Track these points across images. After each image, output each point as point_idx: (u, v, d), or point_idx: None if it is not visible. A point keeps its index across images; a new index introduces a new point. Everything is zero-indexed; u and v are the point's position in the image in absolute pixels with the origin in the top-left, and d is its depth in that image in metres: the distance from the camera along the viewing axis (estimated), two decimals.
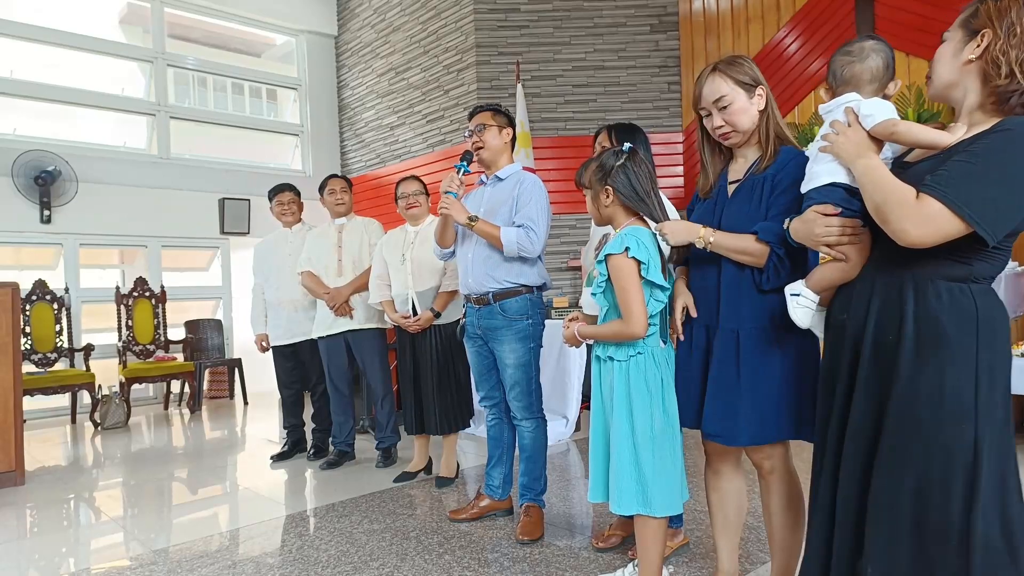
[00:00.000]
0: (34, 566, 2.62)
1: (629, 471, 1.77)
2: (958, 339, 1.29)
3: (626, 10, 6.21)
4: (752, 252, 1.68)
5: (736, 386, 1.70)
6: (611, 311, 1.82)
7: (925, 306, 1.32)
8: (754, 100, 1.75)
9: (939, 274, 1.33)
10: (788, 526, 1.81)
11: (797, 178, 1.62)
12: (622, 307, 1.76)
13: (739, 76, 1.74)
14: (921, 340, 1.32)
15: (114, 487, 3.79)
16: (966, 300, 1.31)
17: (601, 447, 1.87)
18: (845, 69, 1.52)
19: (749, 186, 1.75)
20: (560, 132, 6.17)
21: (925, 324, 1.32)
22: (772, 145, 1.74)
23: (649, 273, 1.76)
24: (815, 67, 5.37)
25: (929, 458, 1.28)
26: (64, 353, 5.88)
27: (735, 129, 1.76)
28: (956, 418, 1.27)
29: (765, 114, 1.76)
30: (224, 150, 7.74)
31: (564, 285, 6.12)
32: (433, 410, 3.35)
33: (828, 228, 1.45)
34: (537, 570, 2.32)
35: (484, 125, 2.72)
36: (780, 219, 1.63)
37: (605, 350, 1.81)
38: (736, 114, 1.74)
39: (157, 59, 7.15)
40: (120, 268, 7.74)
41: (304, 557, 2.52)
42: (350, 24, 8.04)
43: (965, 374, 1.28)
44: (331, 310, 3.79)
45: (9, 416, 3.74)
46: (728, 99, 1.73)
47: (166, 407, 6.65)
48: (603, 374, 1.84)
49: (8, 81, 6.36)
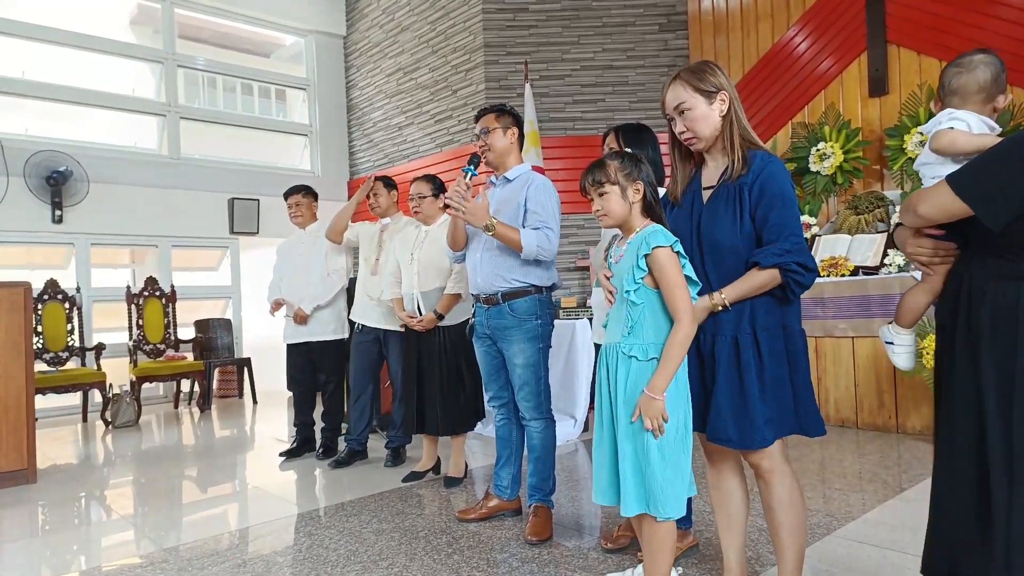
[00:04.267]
0: (46, 563, 2.63)
1: (647, 472, 1.74)
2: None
3: (635, 9, 6.19)
4: (766, 283, 1.71)
5: (741, 392, 1.71)
6: (646, 309, 1.76)
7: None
8: (715, 106, 1.77)
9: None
10: (791, 525, 1.80)
11: (778, 190, 1.69)
12: (675, 303, 1.70)
13: (699, 84, 1.78)
14: None
15: (125, 485, 3.81)
16: None
17: (608, 448, 1.85)
18: (953, 80, 1.61)
19: (724, 194, 1.77)
20: (568, 132, 6.16)
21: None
22: (739, 150, 1.76)
23: (686, 268, 1.75)
24: (825, 66, 5.34)
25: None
26: (75, 352, 5.92)
27: (696, 135, 1.80)
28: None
29: (728, 119, 1.78)
30: (233, 150, 7.78)
31: (572, 285, 6.11)
32: (437, 411, 3.36)
33: (919, 248, 1.59)
34: (546, 570, 2.32)
35: (488, 128, 2.73)
36: (778, 232, 1.68)
37: (631, 348, 1.76)
38: (695, 121, 1.79)
39: (167, 60, 7.19)
40: (131, 268, 7.79)
41: (314, 556, 2.53)
42: (359, 24, 8.05)
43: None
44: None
45: (21, 415, 3.77)
46: (687, 105, 1.78)
47: (176, 406, 6.69)
48: (619, 373, 1.79)
49: (20, 82, 6.41)
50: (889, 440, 4.03)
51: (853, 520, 2.69)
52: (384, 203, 3.99)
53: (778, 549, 1.84)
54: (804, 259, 1.68)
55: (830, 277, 4.47)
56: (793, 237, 1.69)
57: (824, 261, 4.56)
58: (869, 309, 4.27)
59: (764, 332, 1.73)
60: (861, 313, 4.31)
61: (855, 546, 2.42)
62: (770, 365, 1.71)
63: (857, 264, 4.48)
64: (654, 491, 1.72)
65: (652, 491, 1.72)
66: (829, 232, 4.96)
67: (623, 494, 1.76)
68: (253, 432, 5.43)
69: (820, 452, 3.80)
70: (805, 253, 1.69)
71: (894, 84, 4.98)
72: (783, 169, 1.75)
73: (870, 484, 3.18)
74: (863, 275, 4.41)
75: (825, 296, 4.46)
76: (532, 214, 2.61)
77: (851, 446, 3.93)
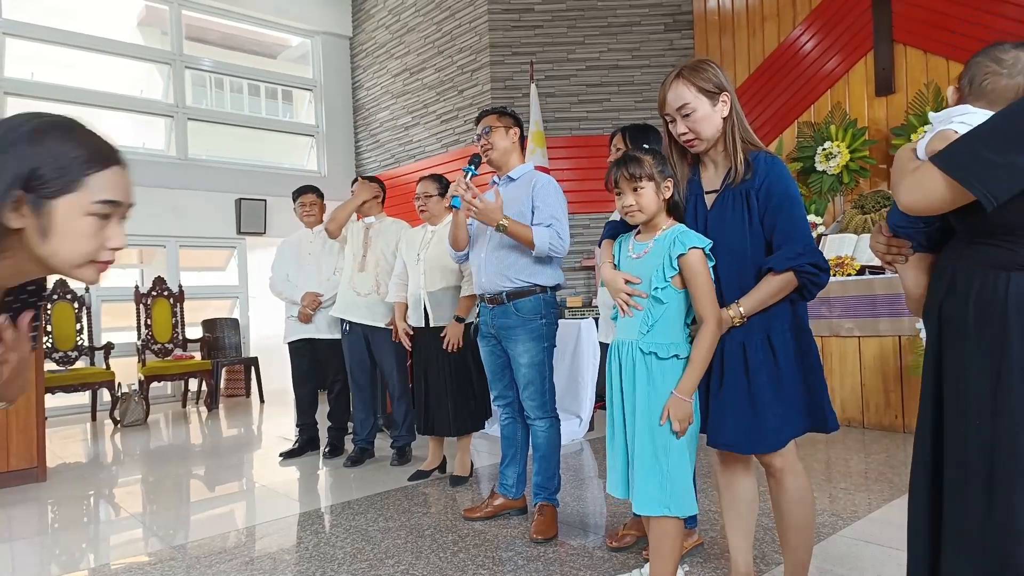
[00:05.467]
0: (55, 561, 2.66)
1: (667, 472, 1.74)
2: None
3: (640, 9, 6.19)
4: (783, 288, 1.69)
5: (749, 395, 1.71)
6: (670, 308, 1.75)
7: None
8: (717, 107, 1.75)
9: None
10: (801, 523, 1.80)
11: (784, 192, 1.70)
12: (706, 306, 1.70)
13: (703, 84, 1.74)
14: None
15: (133, 484, 3.84)
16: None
17: (621, 443, 1.85)
18: (988, 80, 1.31)
19: (731, 198, 1.76)
20: (574, 132, 6.17)
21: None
22: (741, 153, 1.75)
23: (712, 272, 1.76)
24: (831, 65, 5.33)
25: None
26: (84, 351, 5.96)
27: (698, 137, 1.77)
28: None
29: (730, 121, 1.76)
30: (240, 151, 7.82)
31: (578, 284, 6.11)
32: (446, 412, 3.36)
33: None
34: (551, 569, 2.33)
35: (491, 127, 2.75)
36: (788, 236, 1.68)
37: (650, 345, 1.76)
38: (699, 122, 1.75)
39: (175, 61, 7.23)
40: (139, 268, 7.84)
41: (321, 554, 2.55)
42: (365, 25, 8.08)
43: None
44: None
45: (32, 413, 3.80)
46: (690, 107, 1.74)
47: (184, 405, 6.73)
48: (637, 371, 1.77)
49: (29, 83, 6.47)
50: (895, 439, 4.02)
51: (859, 519, 2.69)
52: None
53: (785, 548, 1.85)
54: (816, 259, 1.68)
55: (836, 277, 4.46)
56: (803, 239, 1.69)
57: (830, 261, 4.55)
58: (875, 309, 4.26)
59: (777, 334, 1.72)
60: (867, 313, 4.30)
61: (860, 545, 2.42)
62: (785, 365, 1.71)
63: (863, 264, 4.47)
64: (674, 491, 1.73)
65: (672, 491, 1.73)
66: (835, 232, 4.95)
67: (637, 493, 1.76)
68: (260, 431, 5.46)
69: (826, 451, 3.80)
70: (817, 253, 1.69)
71: (900, 83, 4.97)
72: (786, 170, 1.75)
73: (876, 483, 3.17)
74: (869, 275, 4.40)
75: (831, 296, 4.45)
76: (540, 211, 2.62)
77: (857, 445, 3.93)
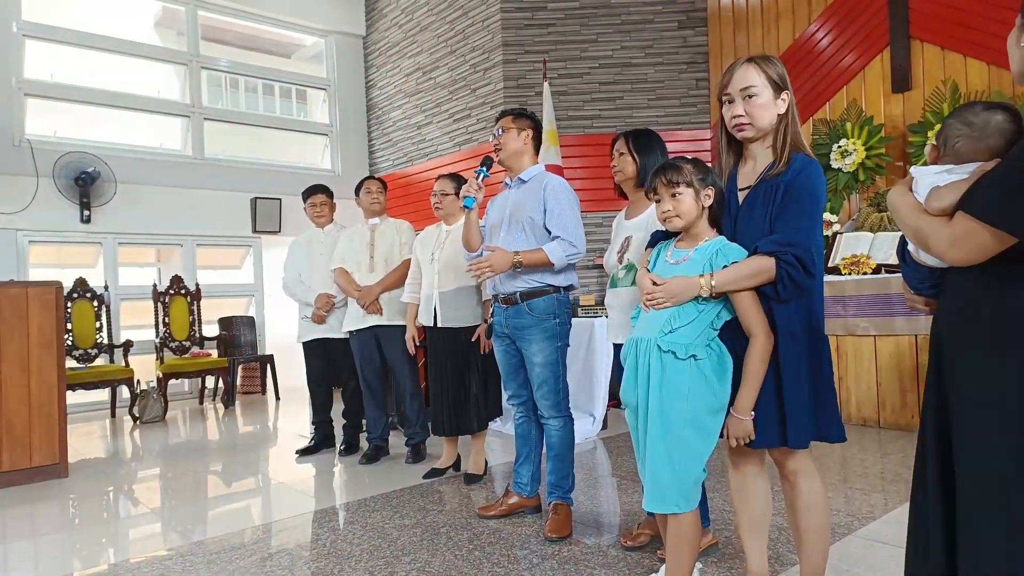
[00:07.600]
0: (77, 556, 2.71)
1: (683, 470, 1.75)
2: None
3: (653, 6, 6.17)
4: (758, 272, 1.67)
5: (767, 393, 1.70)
6: (703, 317, 1.75)
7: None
8: (778, 102, 1.76)
9: None
10: (815, 526, 1.80)
11: (810, 187, 1.67)
12: (754, 320, 1.70)
13: (771, 73, 1.75)
14: None
15: (152, 479, 3.90)
16: None
17: (643, 436, 1.85)
18: (960, 142, 1.33)
19: (761, 193, 1.75)
20: (587, 130, 6.16)
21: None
22: (787, 152, 1.74)
23: None
24: (846, 62, 5.29)
25: None
26: (104, 349, 6.05)
27: (752, 123, 1.76)
28: None
29: (785, 120, 1.76)
30: (255, 150, 7.88)
31: (591, 283, 6.11)
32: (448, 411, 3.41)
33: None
34: (566, 568, 2.34)
35: (504, 128, 2.78)
36: (789, 226, 1.66)
37: (669, 344, 1.76)
38: (759, 108, 1.75)
39: (191, 62, 7.30)
40: (157, 266, 7.93)
41: (337, 551, 2.58)
42: (378, 24, 8.11)
43: None
44: (361, 307, 3.86)
45: (54, 410, 3.87)
46: (756, 90, 1.74)
47: (201, 402, 6.80)
48: (652, 366, 1.76)
49: (49, 84, 6.56)
50: (912, 440, 3.97)
51: (874, 520, 2.68)
52: (384, 203, 4.09)
53: (801, 550, 1.84)
54: (805, 257, 1.64)
55: (852, 275, 4.43)
56: (803, 235, 1.66)
57: (846, 259, 4.52)
58: (891, 307, 4.23)
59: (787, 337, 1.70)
60: (883, 311, 4.27)
61: (876, 546, 2.42)
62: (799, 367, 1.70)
63: (879, 262, 4.43)
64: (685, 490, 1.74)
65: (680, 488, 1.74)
66: (851, 230, 4.91)
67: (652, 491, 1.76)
68: (276, 428, 5.51)
69: (841, 452, 3.78)
70: (809, 253, 1.65)
71: (917, 80, 4.92)
72: (820, 173, 1.73)
73: (892, 484, 3.16)
74: (885, 273, 4.36)
75: (847, 294, 4.43)
76: (552, 216, 2.64)
77: (873, 446, 3.90)
